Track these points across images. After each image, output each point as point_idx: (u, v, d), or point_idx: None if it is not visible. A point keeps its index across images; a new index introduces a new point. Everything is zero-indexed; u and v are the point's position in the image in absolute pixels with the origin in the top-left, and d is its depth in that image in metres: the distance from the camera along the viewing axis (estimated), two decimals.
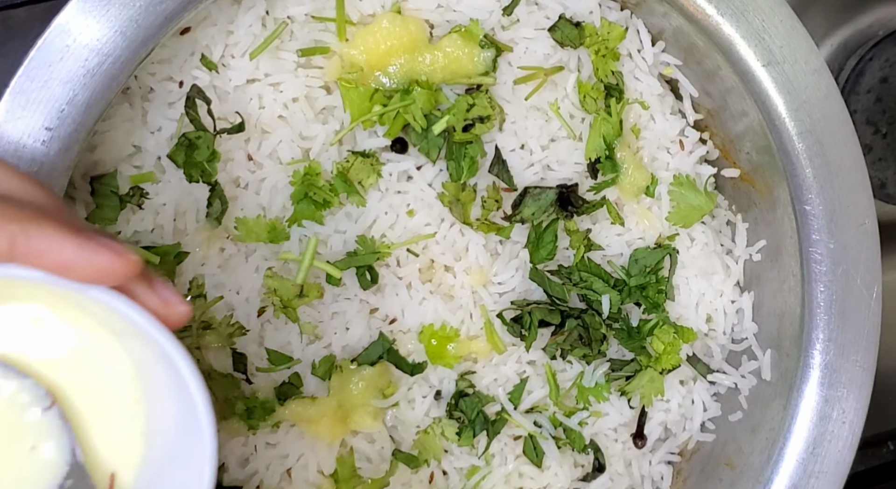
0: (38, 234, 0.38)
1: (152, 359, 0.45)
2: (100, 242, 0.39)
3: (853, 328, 0.69)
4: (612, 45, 0.70)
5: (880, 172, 0.93)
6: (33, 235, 0.37)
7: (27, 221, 0.38)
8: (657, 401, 0.75)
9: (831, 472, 0.69)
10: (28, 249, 0.37)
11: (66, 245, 0.38)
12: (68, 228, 0.39)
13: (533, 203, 0.69)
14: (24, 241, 0.37)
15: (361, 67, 0.66)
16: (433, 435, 0.70)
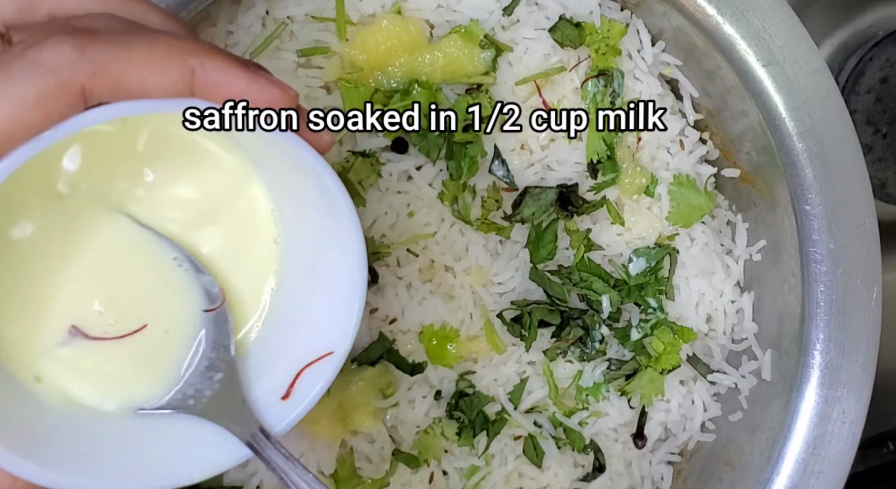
0: (213, 68, 0.37)
1: (297, 191, 0.46)
2: (265, 77, 0.39)
3: (853, 328, 0.69)
4: (612, 42, 0.70)
5: (880, 172, 0.93)
6: (209, 69, 0.37)
7: (204, 54, 0.37)
8: (657, 401, 0.75)
9: (831, 472, 0.69)
10: (206, 81, 0.37)
11: (240, 78, 0.38)
12: (238, 61, 0.38)
13: (533, 203, 0.69)
14: (202, 74, 0.37)
15: (361, 67, 0.66)
16: (433, 435, 0.70)
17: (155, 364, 0.46)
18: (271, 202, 0.48)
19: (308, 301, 0.48)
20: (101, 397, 0.45)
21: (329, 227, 0.46)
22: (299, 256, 0.48)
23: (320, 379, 0.45)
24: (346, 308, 0.45)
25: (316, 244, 0.47)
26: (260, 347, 0.48)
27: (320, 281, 0.47)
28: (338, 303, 0.46)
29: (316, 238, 0.47)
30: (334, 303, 0.46)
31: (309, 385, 0.46)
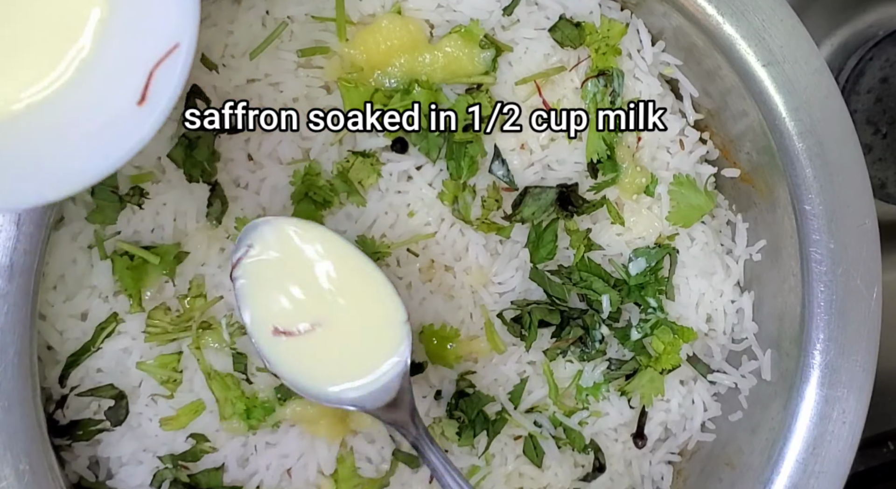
0: None
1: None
2: None
3: (853, 328, 0.69)
4: (612, 41, 0.70)
5: (880, 172, 0.93)
6: None
7: None
8: (657, 401, 0.75)
9: (831, 472, 0.69)
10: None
11: None
12: None
13: (533, 203, 0.69)
14: None
15: (361, 67, 0.66)
16: (433, 435, 0.70)
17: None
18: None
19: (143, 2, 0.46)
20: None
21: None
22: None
23: (173, 74, 0.44)
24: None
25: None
26: (106, 53, 0.47)
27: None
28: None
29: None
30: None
31: (163, 83, 0.44)
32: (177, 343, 0.66)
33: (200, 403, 0.66)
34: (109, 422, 0.66)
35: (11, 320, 0.58)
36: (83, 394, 0.65)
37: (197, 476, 0.67)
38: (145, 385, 0.66)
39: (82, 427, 0.66)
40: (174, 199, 0.65)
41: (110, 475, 0.67)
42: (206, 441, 0.67)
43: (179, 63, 0.44)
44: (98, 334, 0.65)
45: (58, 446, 0.65)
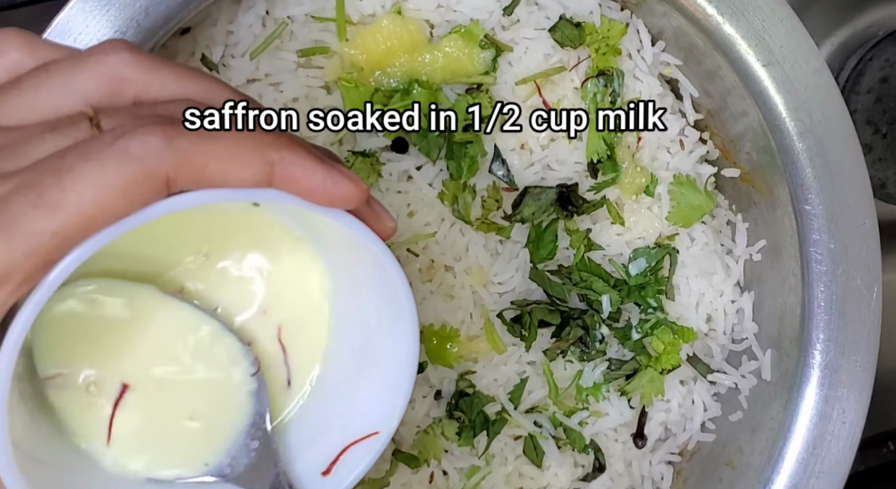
0: (292, 161, 0.38)
1: (355, 277, 0.47)
2: (340, 170, 0.40)
3: (853, 328, 0.69)
4: (612, 41, 0.70)
5: (880, 172, 0.93)
6: (288, 163, 0.38)
7: (285, 148, 0.38)
8: (657, 401, 0.75)
9: (831, 472, 0.69)
10: (283, 174, 0.38)
11: (317, 172, 0.39)
12: (315, 155, 0.39)
13: (533, 203, 0.69)
14: (281, 167, 0.38)
15: (361, 67, 0.66)
16: (433, 435, 0.70)
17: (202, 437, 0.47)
18: (329, 285, 0.48)
19: (354, 382, 0.48)
20: (150, 465, 0.46)
21: (384, 314, 0.46)
22: (351, 340, 0.49)
23: (363, 458, 0.46)
24: (394, 391, 0.46)
25: (368, 330, 0.48)
26: (301, 423, 0.49)
27: (369, 364, 0.48)
28: (385, 387, 0.46)
29: (369, 324, 0.48)
30: (382, 387, 0.46)
31: (351, 463, 0.46)
32: None
33: None
34: None
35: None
36: None
37: None
38: None
39: None
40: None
41: None
42: None
43: (375, 450, 0.46)
44: None
45: None
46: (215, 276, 0.46)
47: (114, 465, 0.44)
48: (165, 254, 0.45)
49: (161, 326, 0.45)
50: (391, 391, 0.46)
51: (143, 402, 0.44)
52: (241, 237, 0.46)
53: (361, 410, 0.47)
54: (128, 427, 0.44)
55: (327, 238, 0.47)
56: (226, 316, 0.47)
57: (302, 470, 0.47)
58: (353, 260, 0.46)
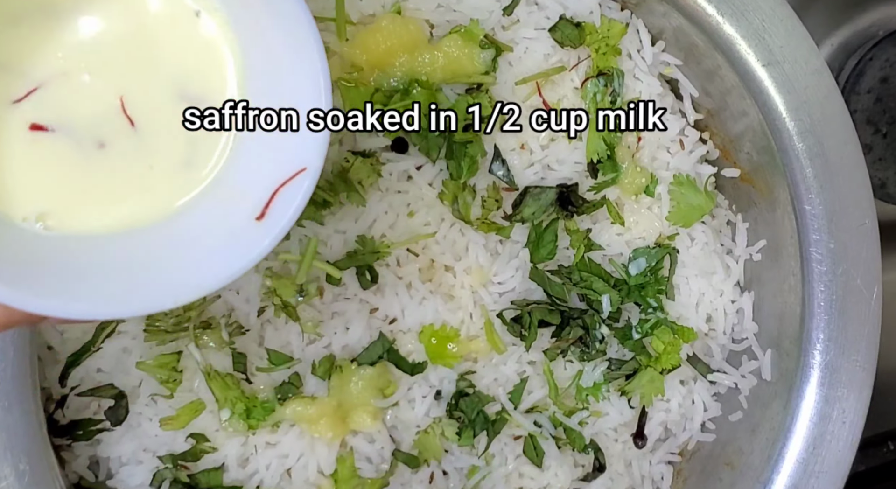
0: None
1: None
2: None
3: (853, 328, 0.69)
4: (612, 41, 0.70)
5: (880, 172, 0.93)
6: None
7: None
8: (657, 401, 0.75)
9: (831, 472, 0.69)
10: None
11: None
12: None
13: (533, 202, 0.69)
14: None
15: (361, 67, 0.66)
16: (433, 435, 0.70)
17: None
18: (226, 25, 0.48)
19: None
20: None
21: (286, 38, 0.45)
22: (262, 81, 0.48)
23: (295, 196, 0.45)
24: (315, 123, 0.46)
25: (275, 64, 0.47)
26: (230, 173, 0.48)
27: (285, 99, 0.47)
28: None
29: (274, 56, 0.47)
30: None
31: (284, 204, 0.46)
32: (176, 342, 0.66)
33: (200, 403, 0.66)
34: (109, 421, 0.66)
35: None
36: (83, 393, 0.65)
37: (197, 476, 0.67)
38: (145, 385, 0.66)
39: (82, 427, 0.66)
40: None
41: (110, 475, 0.67)
42: (205, 441, 0.67)
43: (304, 186, 0.45)
44: (98, 334, 0.65)
45: (58, 446, 0.65)
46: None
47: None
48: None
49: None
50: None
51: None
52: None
53: (285, 149, 0.47)
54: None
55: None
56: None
57: (236, 220, 0.46)
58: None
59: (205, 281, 0.44)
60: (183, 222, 0.48)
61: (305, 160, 0.46)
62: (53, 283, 0.42)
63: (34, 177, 0.46)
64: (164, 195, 0.48)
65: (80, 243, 0.46)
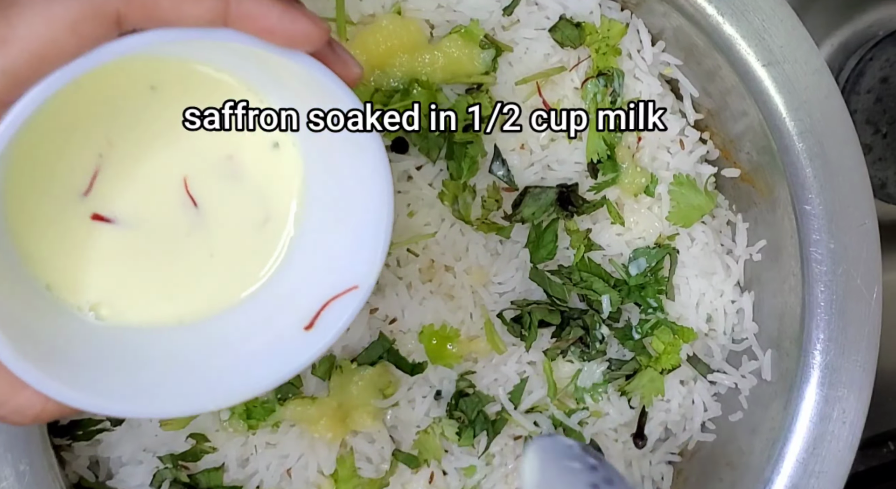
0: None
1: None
2: (298, 9, 0.39)
3: (853, 328, 0.69)
4: (612, 41, 0.70)
5: (880, 172, 0.93)
6: (244, 0, 0.37)
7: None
8: (657, 401, 0.75)
9: (831, 472, 0.69)
10: (239, 13, 0.37)
11: (273, 9, 0.38)
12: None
13: (533, 203, 0.69)
14: (236, 4, 0.37)
15: (361, 67, 0.66)
16: (433, 435, 0.70)
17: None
18: (296, 138, 0.48)
19: (332, 237, 0.48)
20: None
21: (357, 166, 0.46)
22: (325, 194, 0.48)
23: (345, 311, 0.45)
24: (372, 242, 0.45)
25: (342, 182, 0.47)
26: (281, 281, 0.49)
27: (345, 218, 0.47)
28: (362, 240, 0.46)
29: (342, 176, 0.47)
30: (359, 240, 0.46)
31: (333, 317, 0.46)
32: None
33: None
34: (109, 422, 0.66)
35: None
36: None
37: (197, 476, 0.67)
38: None
39: (82, 427, 0.66)
40: None
41: (110, 475, 0.67)
42: (206, 441, 0.67)
43: (355, 304, 0.46)
44: None
45: (58, 446, 0.65)
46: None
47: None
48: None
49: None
50: (369, 244, 0.45)
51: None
52: (199, 95, 0.46)
53: (340, 265, 0.47)
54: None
55: (290, 87, 0.46)
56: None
57: (284, 326, 0.46)
58: (314, 104, 0.45)
59: (247, 386, 0.44)
60: (234, 321, 0.48)
61: (358, 278, 0.46)
62: (95, 377, 0.42)
63: (92, 265, 0.45)
64: (220, 290, 0.48)
65: (128, 336, 0.46)
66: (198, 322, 0.47)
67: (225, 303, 0.48)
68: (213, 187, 0.47)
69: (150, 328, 0.46)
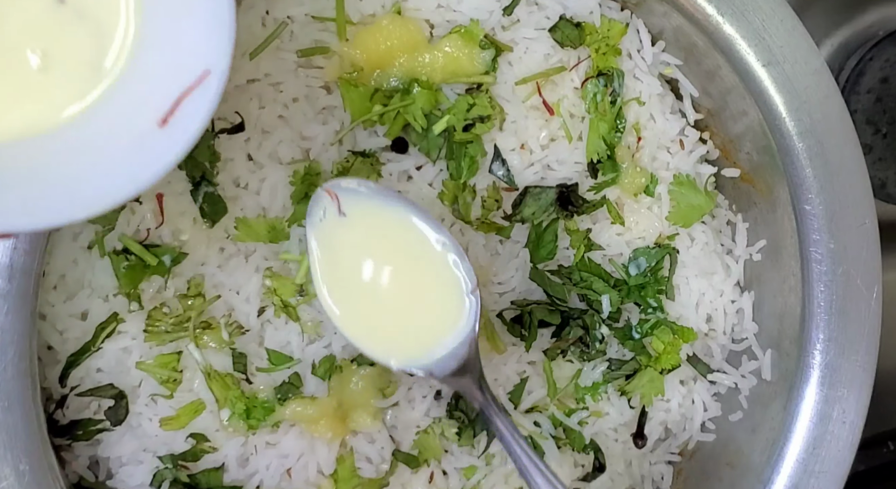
0: None
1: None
2: None
3: (853, 328, 0.69)
4: (612, 41, 0.70)
5: (880, 172, 0.93)
6: None
7: None
8: (657, 401, 0.75)
9: (831, 472, 0.69)
10: None
11: None
12: None
13: (533, 202, 0.69)
14: None
15: (361, 67, 0.66)
16: (433, 435, 0.70)
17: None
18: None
19: (175, 23, 0.45)
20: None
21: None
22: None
23: (202, 102, 0.43)
24: (218, 22, 0.43)
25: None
26: (131, 76, 0.46)
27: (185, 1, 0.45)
28: (207, 19, 0.43)
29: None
30: (204, 20, 0.43)
31: (190, 111, 0.43)
32: (176, 343, 0.66)
33: (200, 403, 0.66)
34: (109, 421, 0.66)
35: (11, 320, 0.58)
36: (83, 393, 0.65)
37: (197, 476, 0.67)
38: (145, 385, 0.66)
39: (82, 427, 0.66)
40: (174, 199, 0.65)
41: (110, 475, 0.67)
42: (206, 441, 0.67)
43: (210, 93, 0.43)
44: (98, 334, 0.65)
45: (58, 446, 0.65)
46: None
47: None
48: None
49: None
50: (215, 23, 0.43)
51: None
52: None
53: (188, 53, 0.44)
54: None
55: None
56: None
57: (139, 127, 0.44)
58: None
59: (112, 190, 0.42)
60: (84, 129, 0.45)
61: (208, 61, 0.43)
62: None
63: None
64: (61, 99, 0.45)
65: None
66: (46, 132, 0.45)
67: (72, 107, 0.45)
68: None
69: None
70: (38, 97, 0.45)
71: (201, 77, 0.43)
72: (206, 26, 0.43)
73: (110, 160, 0.44)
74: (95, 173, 0.44)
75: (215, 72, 0.43)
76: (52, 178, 0.43)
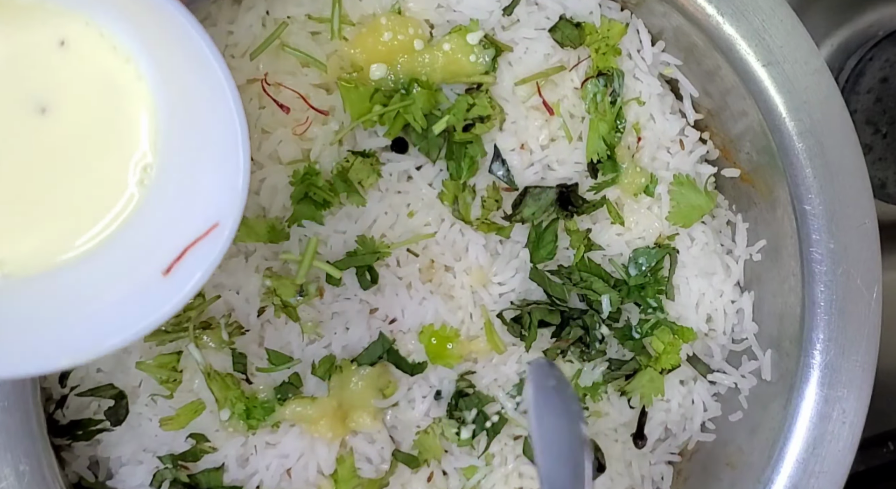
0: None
1: (167, 42, 0.43)
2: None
3: (853, 328, 0.69)
4: (612, 41, 0.70)
5: (880, 172, 0.93)
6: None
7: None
8: (657, 401, 0.75)
9: (831, 472, 0.69)
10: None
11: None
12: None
13: (533, 203, 0.69)
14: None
15: (361, 67, 0.66)
16: (433, 435, 0.70)
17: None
18: (143, 73, 0.45)
19: (189, 175, 0.45)
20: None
21: (206, 96, 0.43)
22: (180, 129, 0.45)
23: (208, 254, 0.42)
24: (231, 176, 0.42)
25: (194, 117, 0.44)
26: (139, 223, 0.46)
27: (200, 154, 0.44)
28: (221, 173, 0.43)
29: (190, 103, 0.44)
30: (217, 174, 0.43)
31: (195, 261, 0.43)
32: (176, 342, 0.66)
33: (200, 403, 0.66)
34: (109, 422, 0.66)
35: None
36: (83, 394, 0.65)
37: (197, 476, 0.67)
38: (145, 385, 0.66)
39: (82, 427, 0.66)
40: None
41: (110, 475, 0.67)
42: (205, 441, 0.67)
43: (218, 245, 0.43)
44: None
45: (58, 446, 0.65)
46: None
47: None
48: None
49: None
50: (227, 177, 0.42)
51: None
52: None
53: (200, 204, 0.44)
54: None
55: (141, 23, 0.43)
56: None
57: (142, 275, 0.44)
58: (166, 41, 0.42)
59: (101, 339, 0.41)
60: (85, 272, 0.44)
61: (220, 215, 0.43)
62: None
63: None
64: (63, 240, 0.45)
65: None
66: (42, 272, 0.44)
67: (70, 250, 0.45)
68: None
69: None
70: (36, 237, 0.45)
71: (211, 229, 0.43)
72: (221, 179, 0.43)
73: (105, 307, 0.43)
74: (87, 321, 0.43)
75: (225, 224, 0.43)
76: (43, 323, 0.43)
